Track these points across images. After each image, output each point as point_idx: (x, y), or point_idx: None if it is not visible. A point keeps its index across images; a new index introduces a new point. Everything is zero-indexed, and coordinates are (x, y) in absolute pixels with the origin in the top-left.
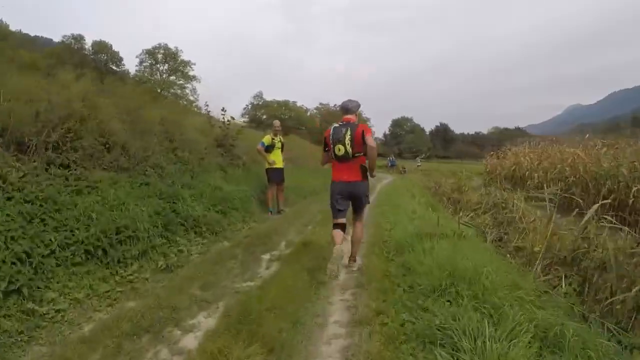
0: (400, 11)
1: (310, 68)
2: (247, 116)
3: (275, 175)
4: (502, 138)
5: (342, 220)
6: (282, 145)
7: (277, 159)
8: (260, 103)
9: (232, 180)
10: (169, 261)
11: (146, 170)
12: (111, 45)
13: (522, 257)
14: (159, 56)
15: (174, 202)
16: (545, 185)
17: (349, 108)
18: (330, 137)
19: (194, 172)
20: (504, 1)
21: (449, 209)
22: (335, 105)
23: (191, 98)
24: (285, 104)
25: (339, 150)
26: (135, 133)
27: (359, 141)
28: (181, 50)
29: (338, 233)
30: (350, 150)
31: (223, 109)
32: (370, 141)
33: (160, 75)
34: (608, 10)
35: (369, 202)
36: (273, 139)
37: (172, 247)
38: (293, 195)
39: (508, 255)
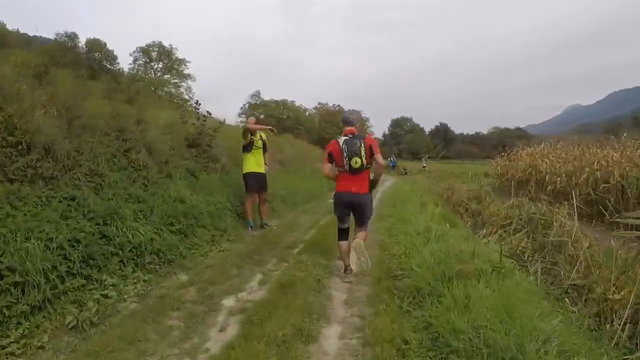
0: (400, 11)
1: (311, 68)
2: (244, 116)
3: (255, 182)
4: (502, 138)
5: (346, 226)
6: (265, 145)
7: (257, 161)
8: (258, 102)
9: (204, 189)
10: (83, 315)
11: (77, 179)
12: (105, 44)
13: (587, 302)
14: (154, 54)
15: (106, 224)
16: (573, 193)
17: (350, 120)
18: (345, 150)
19: (150, 180)
20: (502, 1)
21: (468, 222)
22: (334, 105)
23: (186, 97)
24: (283, 104)
25: (356, 163)
26: (71, 130)
27: (369, 153)
28: (176, 48)
29: (344, 245)
30: (365, 162)
31: (197, 102)
32: (380, 159)
33: (155, 74)
34: (608, 10)
35: (372, 214)
36: (252, 136)
37: (94, 291)
38: (282, 204)
39: (566, 300)
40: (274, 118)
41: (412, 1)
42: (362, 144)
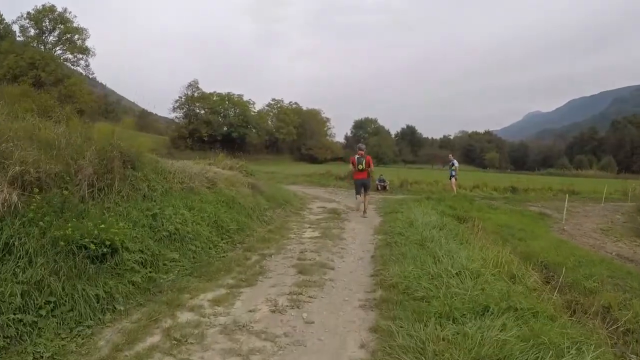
0: (374, 15)
1: (293, 70)
2: (179, 110)
3: None
4: (471, 142)
5: (361, 193)
6: None
7: None
8: (195, 94)
9: None
10: None
11: None
12: (1, 15)
13: None
14: (46, 22)
15: None
16: None
17: (362, 148)
18: (357, 161)
19: None
20: (467, 12)
21: None
22: (291, 102)
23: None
24: (228, 97)
25: (360, 167)
26: None
27: (368, 163)
28: (72, 13)
29: (360, 197)
30: (365, 167)
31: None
32: (371, 165)
33: (45, 47)
34: (569, 22)
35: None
36: None
37: None
38: None
39: None
40: (215, 114)
41: (392, 6)
42: (364, 160)
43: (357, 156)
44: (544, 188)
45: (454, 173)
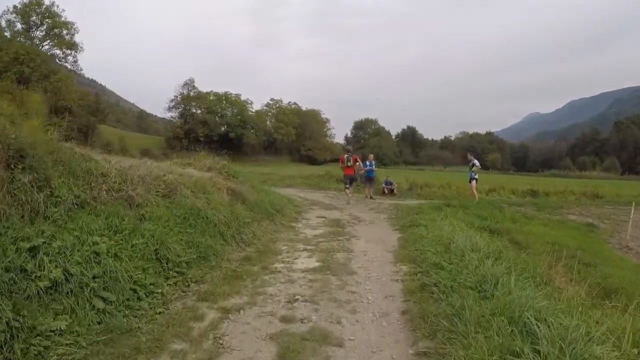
0: (371, 18)
1: (293, 70)
2: (175, 110)
3: None
4: (472, 143)
5: (348, 186)
6: None
7: None
8: (191, 93)
9: None
10: None
11: None
12: None
13: None
14: (34, 17)
15: None
16: None
17: (349, 149)
18: (346, 159)
19: None
20: (466, 12)
21: None
22: (290, 102)
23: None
24: (225, 97)
25: (349, 163)
26: None
27: (354, 161)
28: (59, 6)
29: (347, 189)
30: (352, 164)
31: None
32: (357, 165)
33: (32, 42)
34: (567, 23)
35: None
36: None
37: None
38: None
39: None
40: (212, 114)
41: (387, 8)
42: (350, 158)
43: (346, 155)
44: (565, 191)
45: (474, 175)
